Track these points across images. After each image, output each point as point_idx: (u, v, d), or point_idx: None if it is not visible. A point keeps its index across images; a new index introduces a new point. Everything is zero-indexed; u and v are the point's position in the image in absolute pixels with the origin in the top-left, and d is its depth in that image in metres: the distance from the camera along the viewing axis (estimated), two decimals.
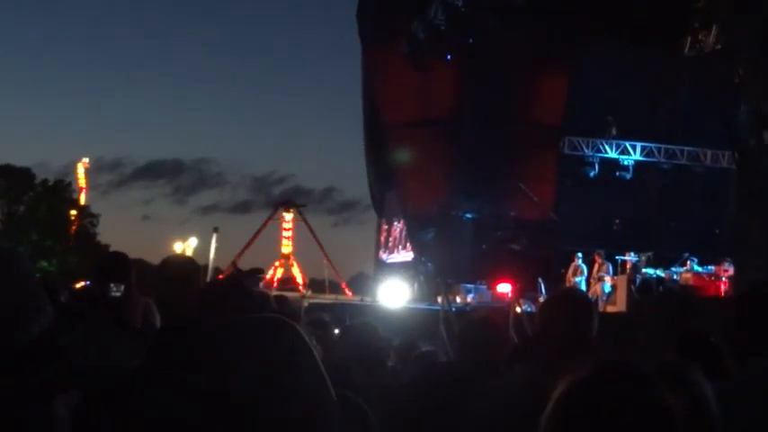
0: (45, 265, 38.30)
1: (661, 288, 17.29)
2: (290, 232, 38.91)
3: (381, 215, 31.12)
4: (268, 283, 33.09)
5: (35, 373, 1.97)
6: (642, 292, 16.83)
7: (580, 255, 18.89)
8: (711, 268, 17.45)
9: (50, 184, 42.65)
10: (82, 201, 47.91)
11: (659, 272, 17.83)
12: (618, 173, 23.79)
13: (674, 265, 18.07)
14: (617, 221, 23.91)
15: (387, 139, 25.44)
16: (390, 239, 29.49)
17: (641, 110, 23.12)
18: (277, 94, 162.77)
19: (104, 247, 40.41)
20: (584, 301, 3.34)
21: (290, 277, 37.68)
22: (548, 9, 21.60)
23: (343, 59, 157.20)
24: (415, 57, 23.62)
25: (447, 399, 3.40)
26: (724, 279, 16.97)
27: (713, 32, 21.05)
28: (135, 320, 3.56)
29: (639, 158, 23.81)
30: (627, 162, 23.82)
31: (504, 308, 15.27)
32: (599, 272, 18.24)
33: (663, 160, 23.84)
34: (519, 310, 15.42)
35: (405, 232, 27.51)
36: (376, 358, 4.55)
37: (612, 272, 18.25)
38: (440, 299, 17.10)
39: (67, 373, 2.01)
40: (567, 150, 23.82)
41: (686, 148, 23.68)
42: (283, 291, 27.41)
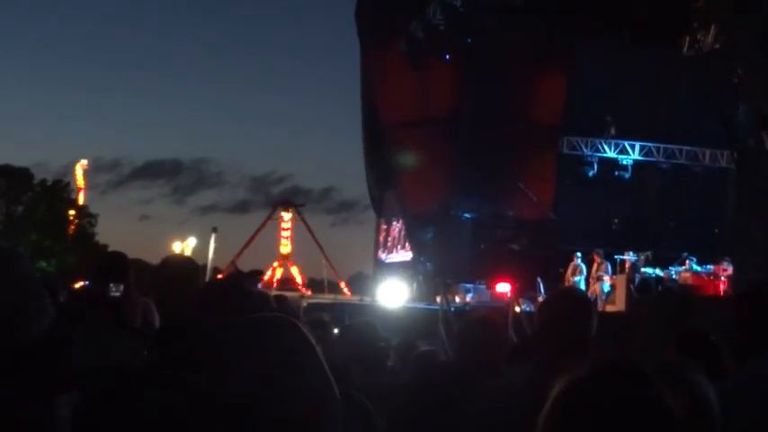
0: (44, 265, 38.27)
1: (660, 287, 17.29)
2: (288, 232, 38.96)
3: (380, 215, 31.09)
4: (267, 284, 33.11)
5: (35, 373, 1.97)
6: (641, 291, 16.83)
7: (579, 254, 18.89)
8: (710, 268, 17.42)
9: (49, 184, 42.63)
10: (80, 201, 47.92)
11: (658, 271, 17.82)
12: (617, 172, 23.76)
13: (673, 264, 18.05)
14: (616, 221, 23.88)
15: (386, 138, 25.42)
16: (389, 239, 29.46)
17: (640, 109, 23.08)
18: (276, 94, 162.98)
19: (103, 247, 40.40)
20: (583, 300, 3.34)
21: (289, 277, 37.73)
22: (547, 9, 21.57)
23: (343, 59, 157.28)
24: (413, 56, 23.59)
25: (446, 398, 3.41)
26: (723, 278, 16.95)
27: (712, 32, 21.03)
28: (134, 320, 3.56)
29: (638, 158, 23.78)
30: (626, 162, 23.79)
31: (504, 307, 15.27)
32: (598, 271, 18.23)
33: (662, 160, 23.81)
34: (518, 309, 15.44)
35: (404, 232, 27.49)
36: (375, 358, 4.56)
37: (611, 271, 18.25)
38: (439, 298, 17.10)
39: (68, 373, 2.01)
40: (566, 150, 23.79)
41: (685, 147, 23.64)
42: (283, 291, 27.43)
